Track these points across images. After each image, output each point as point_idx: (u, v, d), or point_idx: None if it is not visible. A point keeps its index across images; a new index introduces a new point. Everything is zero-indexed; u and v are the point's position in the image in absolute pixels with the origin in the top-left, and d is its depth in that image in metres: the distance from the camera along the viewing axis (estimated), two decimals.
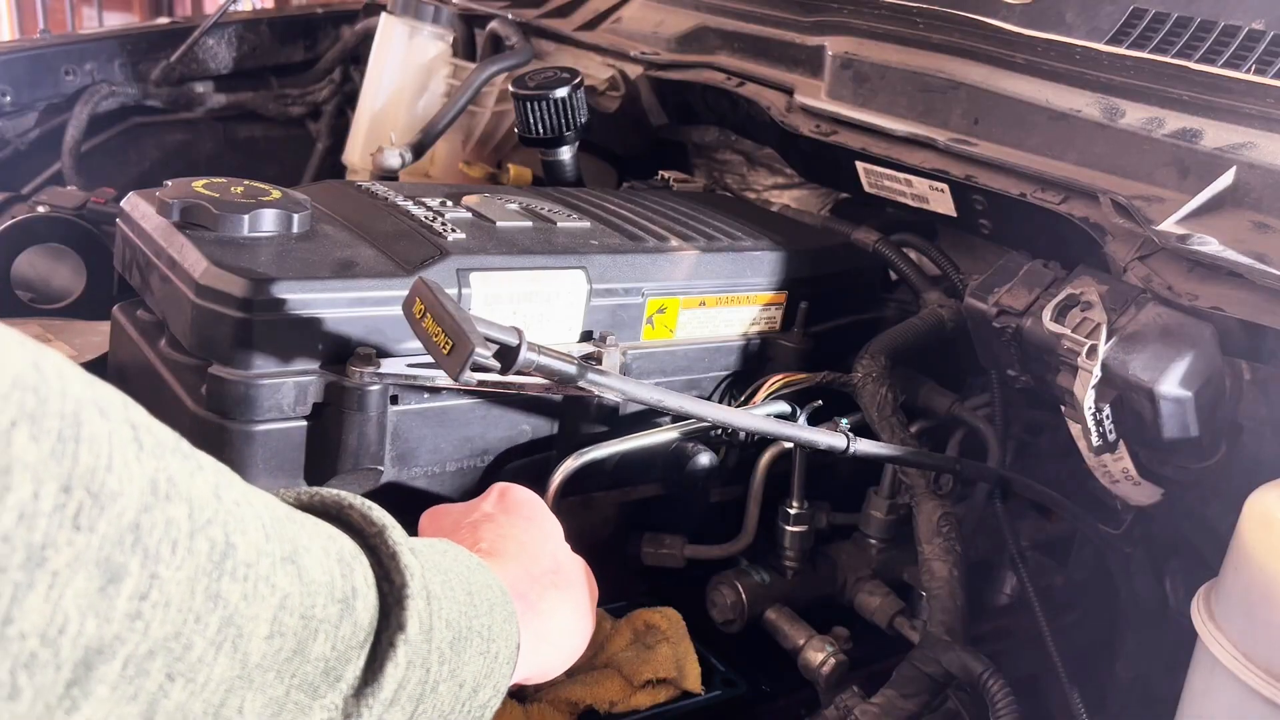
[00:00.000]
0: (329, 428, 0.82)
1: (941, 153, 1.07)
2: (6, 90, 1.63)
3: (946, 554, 0.93)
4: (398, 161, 1.46)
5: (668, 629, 0.91)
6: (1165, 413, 0.80)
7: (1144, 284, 0.86)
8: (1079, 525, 1.00)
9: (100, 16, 4.59)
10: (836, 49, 1.21)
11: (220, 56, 1.84)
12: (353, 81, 1.88)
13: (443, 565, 0.59)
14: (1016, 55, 1.08)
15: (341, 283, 0.82)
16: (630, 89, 1.42)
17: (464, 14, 1.67)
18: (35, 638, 0.34)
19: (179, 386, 0.83)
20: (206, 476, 0.42)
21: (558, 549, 0.76)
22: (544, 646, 0.70)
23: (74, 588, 0.35)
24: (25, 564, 0.34)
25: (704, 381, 1.04)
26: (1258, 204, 0.89)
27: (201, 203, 0.84)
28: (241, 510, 0.44)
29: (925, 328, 1.07)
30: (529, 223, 0.99)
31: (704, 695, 0.89)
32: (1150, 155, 0.96)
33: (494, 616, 0.61)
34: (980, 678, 0.82)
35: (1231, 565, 0.68)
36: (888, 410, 0.99)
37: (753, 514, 1.00)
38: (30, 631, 0.34)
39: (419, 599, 0.53)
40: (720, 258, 1.03)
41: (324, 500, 0.56)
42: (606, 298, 0.95)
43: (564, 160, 1.35)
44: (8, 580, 0.34)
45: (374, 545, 0.54)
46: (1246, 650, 0.65)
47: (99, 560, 0.36)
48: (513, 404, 0.92)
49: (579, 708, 0.86)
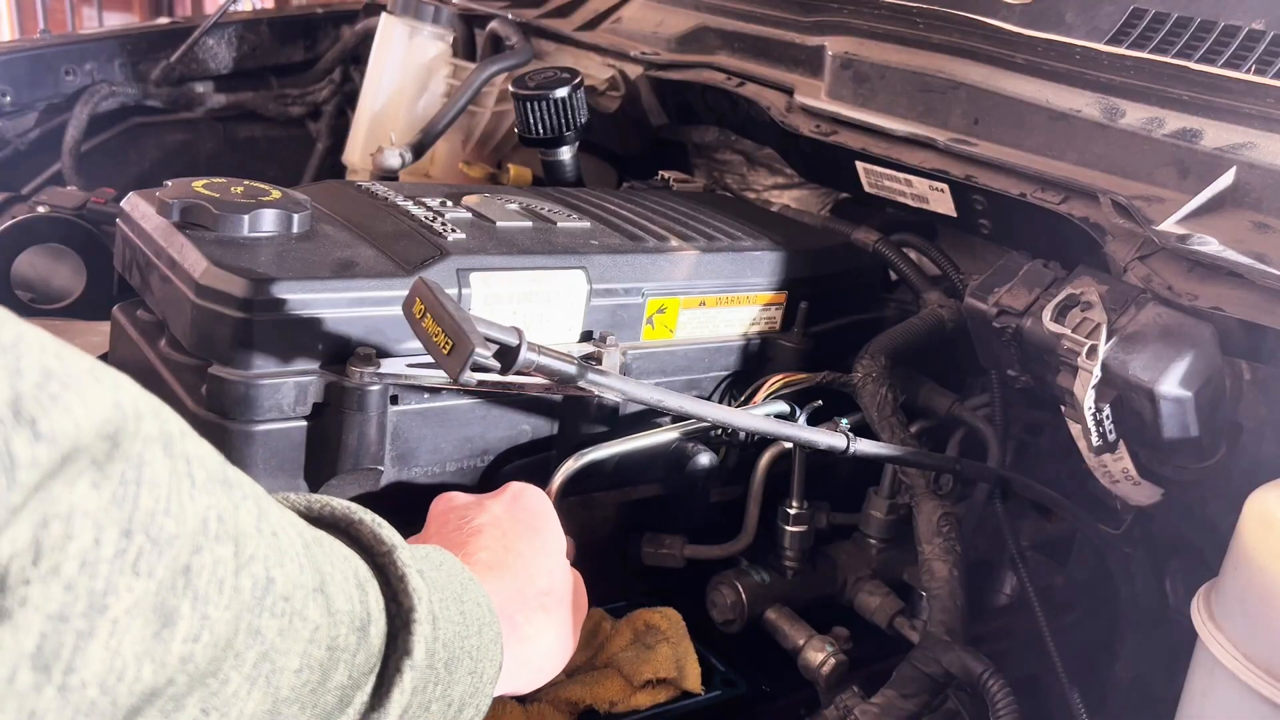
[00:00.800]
0: (329, 428, 0.82)
1: (941, 153, 1.07)
2: (6, 90, 1.63)
3: (946, 554, 0.93)
4: (398, 161, 1.46)
5: (668, 629, 0.91)
6: (1165, 413, 0.80)
7: (1144, 284, 0.86)
8: (1079, 525, 1.00)
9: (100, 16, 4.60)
10: (836, 49, 1.21)
11: (220, 56, 1.84)
12: (353, 81, 1.88)
13: (440, 582, 0.59)
14: (1016, 55, 1.08)
15: (341, 283, 0.82)
16: (630, 89, 1.42)
17: (464, 14, 1.67)
18: (95, 686, 0.34)
19: (179, 387, 0.83)
20: (249, 508, 0.42)
21: (555, 567, 0.75)
22: (522, 670, 0.69)
23: (132, 634, 0.35)
24: (87, 612, 0.34)
25: (704, 381, 1.04)
26: (1258, 204, 0.89)
27: (201, 203, 0.84)
28: (279, 541, 0.44)
29: (925, 328, 1.07)
30: (529, 223, 0.99)
31: (704, 695, 0.89)
32: (1150, 155, 0.96)
33: (483, 637, 0.61)
34: (980, 678, 0.82)
35: (1231, 565, 0.68)
36: (888, 410, 0.99)
37: (753, 514, 1.00)
38: (91, 680, 0.34)
39: (425, 624, 0.53)
40: (720, 258, 1.03)
41: (334, 512, 0.56)
42: (606, 298, 0.95)
43: (564, 160, 1.35)
44: (70, 629, 0.33)
45: (382, 565, 0.54)
46: (1246, 650, 0.65)
47: (155, 605, 0.36)
48: (513, 404, 0.92)
49: (579, 708, 0.86)
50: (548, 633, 0.72)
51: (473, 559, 0.70)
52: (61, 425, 0.32)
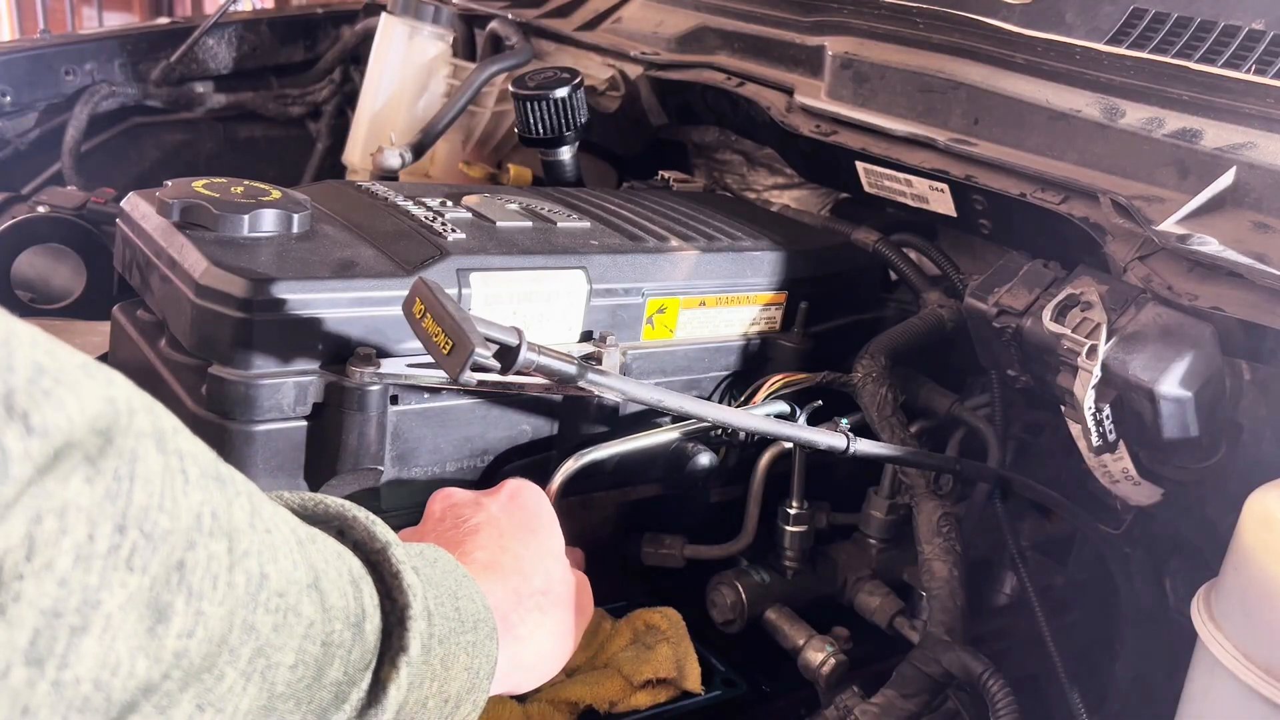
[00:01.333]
0: (329, 428, 0.82)
1: (941, 153, 1.07)
2: (6, 90, 1.63)
3: (946, 554, 0.93)
4: (398, 161, 1.46)
5: (668, 629, 0.91)
6: (1165, 413, 0.80)
7: (1144, 284, 0.86)
8: (1079, 525, 1.00)
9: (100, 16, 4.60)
10: (836, 49, 1.21)
11: (220, 56, 1.84)
12: (353, 81, 1.88)
13: (435, 579, 0.59)
14: (1016, 55, 1.08)
15: (341, 283, 0.82)
16: (630, 89, 1.42)
17: (464, 14, 1.67)
18: (89, 682, 0.34)
19: (179, 387, 0.83)
20: (242, 504, 0.42)
21: (553, 566, 0.75)
22: (516, 671, 0.69)
23: (125, 630, 0.35)
24: (81, 607, 0.34)
25: (704, 381, 1.04)
26: (1258, 204, 0.89)
27: (201, 203, 0.84)
28: (273, 537, 0.44)
29: (925, 328, 1.07)
30: (529, 223, 0.99)
31: (704, 695, 0.89)
32: (1150, 155, 0.96)
33: (478, 633, 0.61)
34: (980, 678, 0.82)
35: (1231, 565, 0.68)
36: (888, 410, 0.99)
37: (753, 514, 1.00)
38: (84, 676, 0.34)
39: (421, 620, 0.53)
40: (720, 258, 1.03)
41: (328, 510, 0.56)
42: (606, 298, 0.95)
43: (564, 160, 1.35)
44: (64, 624, 0.33)
45: (376, 562, 0.54)
46: (1246, 650, 0.65)
47: (149, 601, 0.36)
48: (513, 404, 0.92)
49: (579, 708, 0.86)
50: (543, 633, 0.72)
51: (469, 558, 0.70)
52: (54, 420, 0.32)
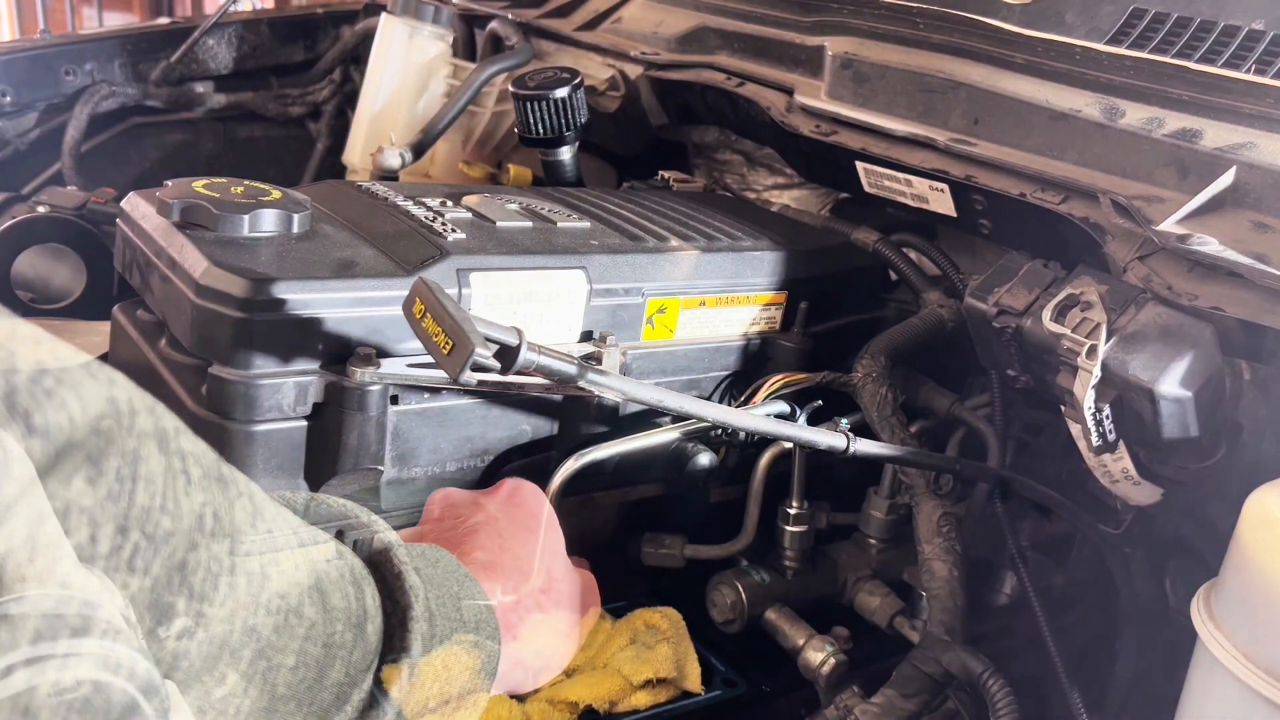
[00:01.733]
0: (329, 428, 0.82)
1: (941, 153, 1.07)
2: (6, 90, 1.63)
3: (946, 554, 0.93)
4: (398, 161, 1.46)
5: (668, 629, 0.91)
6: (1165, 413, 0.80)
7: (1144, 284, 0.86)
8: (1079, 525, 1.00)
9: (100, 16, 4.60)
10: (836, 49, 1.21)
11: (220, 56, 1.84)
12: (353, 81, 1.88)
13: (436, 579, 0.59)
14: (1016, 55, 1.08)
15: (341, 283, 0.82)
16: (630, 89, 1.42)
17: (464, 14, 1.67)
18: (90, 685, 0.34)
19: (179, 387, 0.83)
20: (244, 505, 0.42)
21: (553, 565, 0.75)
22: (516, 671, 0.69)
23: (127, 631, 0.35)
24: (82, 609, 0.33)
25: (704, 381, 1.04)
26: (1258, 204, 0.89)
27: (201, 203, 0.84)
28: (274, 539, 0.44)
29: (925, 328, 1.07)
30: (529, 223, 0.99)
31: (704, 695, 0.89)
32: (1150, 155, 0.96)
33: (480, 633, 0.61)
34: (980, 678, 0.82)
35: (1231, 565, 0.68)
36: (888, 410, 0.99)
37: (753, 514, 1.00)
38: (85, 678, 0.34)
39: (423, 621, 0.53)
40: (720, 258, 1.03)
41: (330, 511, 0.56)
42: (606, 298, 0.95)
43: (564, 160, 1.35)
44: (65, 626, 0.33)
45: (378, 563, 0.54)
46: (1246, 650, 0.65)
47: (150, 602, 0.36)
48: (513, 404, 0.92)
49: (579, 708, 0.86)
50: (542, 631, 0.72)
51: (469, 559, 0.70)
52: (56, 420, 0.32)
